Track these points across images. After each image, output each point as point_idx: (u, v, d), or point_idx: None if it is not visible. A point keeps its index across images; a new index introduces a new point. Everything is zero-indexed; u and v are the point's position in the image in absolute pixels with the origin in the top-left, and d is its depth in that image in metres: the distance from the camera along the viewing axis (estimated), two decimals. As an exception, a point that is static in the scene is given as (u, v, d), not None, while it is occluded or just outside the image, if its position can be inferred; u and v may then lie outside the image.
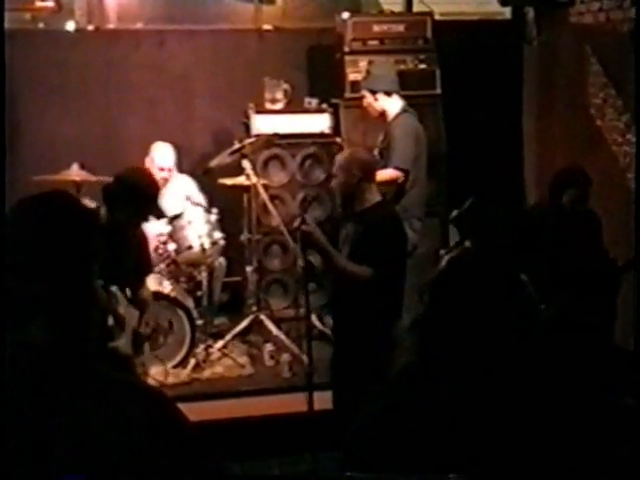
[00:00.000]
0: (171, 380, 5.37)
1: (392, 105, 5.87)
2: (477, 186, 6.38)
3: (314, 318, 6.00)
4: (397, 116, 5.84)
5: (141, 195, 4.14)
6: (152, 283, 5.72)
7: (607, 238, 5.03)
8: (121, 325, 4.11)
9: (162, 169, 6.26)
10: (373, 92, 5.87)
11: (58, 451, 1.29)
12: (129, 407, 1.37)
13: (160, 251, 5.82)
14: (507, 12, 7.10)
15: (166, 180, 6.32)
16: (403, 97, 5.95)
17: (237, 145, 5.96)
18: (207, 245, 5.70)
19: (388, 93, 5.86)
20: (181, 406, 1.48)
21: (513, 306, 1.79)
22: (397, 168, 5.64)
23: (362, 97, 5.97)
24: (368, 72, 6.21)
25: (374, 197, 4.27)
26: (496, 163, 6.73)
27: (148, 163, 6.29)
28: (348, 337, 4.31)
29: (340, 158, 4.40)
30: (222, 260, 6.28)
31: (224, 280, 6.45)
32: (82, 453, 1.30)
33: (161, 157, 6.30)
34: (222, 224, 5.96)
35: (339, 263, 4.18)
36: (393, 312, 4.27)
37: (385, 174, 5.50)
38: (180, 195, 6.28)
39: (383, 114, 5.89)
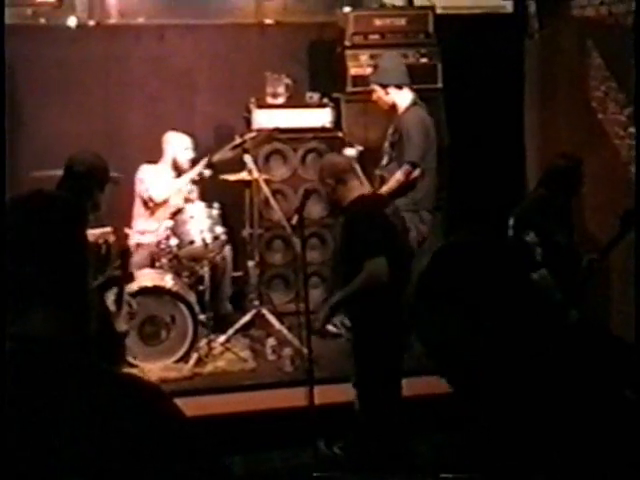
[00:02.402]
0: (173, 375, 5.37)
1: (403, 98, 5.83)
2: (479, 180, 6.43)
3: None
4: (408, 109, 5.81)
5: None
6: (154, 278, 5.75)
7: (610, 231, 5.03)
8: None
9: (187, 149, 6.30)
10: (384, 86, 5.84)
11: (56, 444, 1.30)
12: (125, 402, 1.38)
13: (162, 246, 5.83)
14: (509, 6, 7.09)
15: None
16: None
17: (238, 140, 5.96)
18: (209, 240, 5.70)
19: (399, 86, 5.84)
20: (183, 401, 1.49)
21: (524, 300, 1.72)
22: (411, 163, 5.65)
23: (371, 91, 5.92)
24: (376, 66, 6.15)
25: (352, 194, 4.31)
26: (498, 157, 6.72)
27: (169, 152, 6.28)
28: (365, 332, 4.30)
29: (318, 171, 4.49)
30: (227, 254, 6.26)
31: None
32: (80, 447, 1.31)
33: (181, 145, 6.30)
34: (224, 219, 5.96)
35: (348, 292, 4.17)
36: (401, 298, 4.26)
37: (399, 177, 5.57)
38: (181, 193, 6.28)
39: (393, 107, 5.87)
